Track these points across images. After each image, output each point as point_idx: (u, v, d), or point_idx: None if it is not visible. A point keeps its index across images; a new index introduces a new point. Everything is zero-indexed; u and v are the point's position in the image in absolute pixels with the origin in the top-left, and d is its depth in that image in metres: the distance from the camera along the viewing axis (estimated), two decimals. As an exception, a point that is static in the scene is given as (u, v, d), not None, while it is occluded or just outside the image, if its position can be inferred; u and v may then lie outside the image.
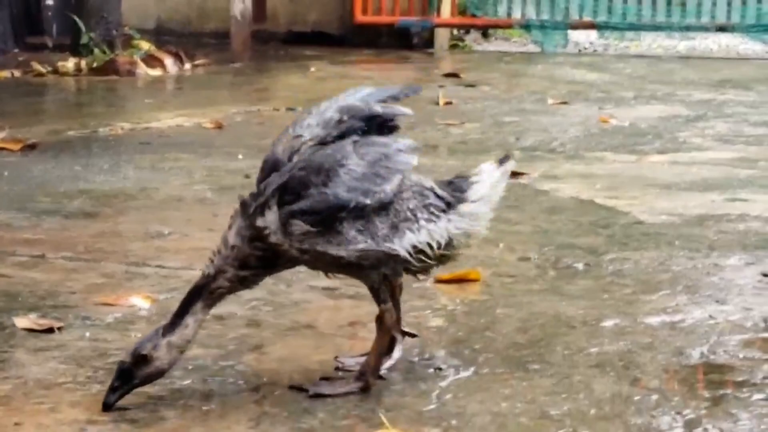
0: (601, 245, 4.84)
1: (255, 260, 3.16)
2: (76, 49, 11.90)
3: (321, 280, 4.27)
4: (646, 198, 5.81)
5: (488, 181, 3.26)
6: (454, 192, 3.23)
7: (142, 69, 11.47)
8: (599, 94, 10.13)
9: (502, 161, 3.31)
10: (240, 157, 6.94)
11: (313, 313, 3.96)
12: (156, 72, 11.56)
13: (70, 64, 11.49)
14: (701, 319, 3.89)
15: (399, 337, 3.40)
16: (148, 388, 3.20)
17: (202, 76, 11.69)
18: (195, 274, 4.26)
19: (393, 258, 3.13)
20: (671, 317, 3.91)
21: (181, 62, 11.95)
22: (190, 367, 3.39)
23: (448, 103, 9.33)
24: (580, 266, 4.52)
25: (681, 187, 6.11)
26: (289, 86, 10.92)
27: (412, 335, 3.56)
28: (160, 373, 3.12)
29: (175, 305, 3.88)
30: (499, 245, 4.72)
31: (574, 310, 3.97)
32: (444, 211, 3.19)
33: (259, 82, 11.32)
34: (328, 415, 3.09)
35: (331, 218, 3.06)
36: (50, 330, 3.69)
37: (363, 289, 4.14)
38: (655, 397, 3.22)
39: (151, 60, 11.66)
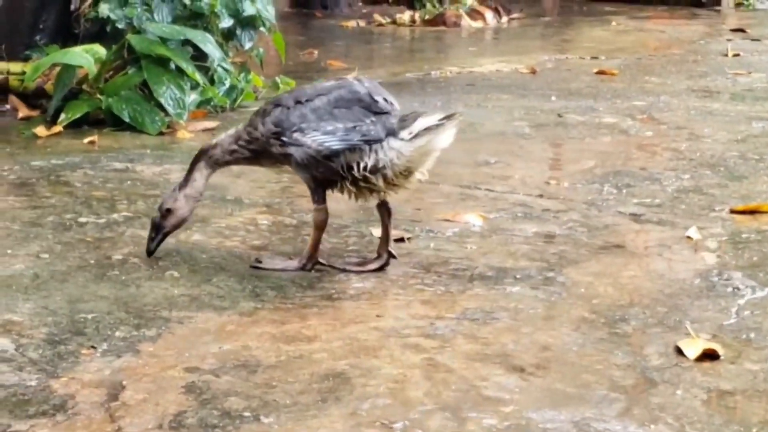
0: None
1: (244, 144, 3.39)
2: (411, 3, 12.07)
3: (628, 206, 4.23)
4: None
5: (427, 124, 3.34)
6: (400, 126, 3.33)
7: (466, 21, 11.51)
8: None
9: (449, 117, 3.40)
10: (553, 98, 6.89)
11: (622, 235, 3.91)
12: (477, 24, 11.58)
13: (406, 16, 11.66)
14: None
15: (384, 255, 3.45)
16: (484, 293, 3.24)
17: (516, 28, 11.64)
18: (519, 198, 4.31)
19: (321, 163, 3.30)
20: None
21: (499, 16, 11.93)
22: (518, 276, 3.42)
23: (736, 55, 8.97)
24: None
25: None
26: (592, 38, 10.72)
27: (393, 256, 3.49)
28: (184, 220, 3.44)
29: (503, 224, 3.94)
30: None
31: None
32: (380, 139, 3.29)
33: (566, 34, 11.18)
34: (639, 323, 3.05)
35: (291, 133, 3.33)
36: (401, 240, 3.77)
37: (666, 215, 4.08)
38: None
39: (473, 13, 11.70)
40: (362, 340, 2.88)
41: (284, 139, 3.31)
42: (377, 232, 3.84)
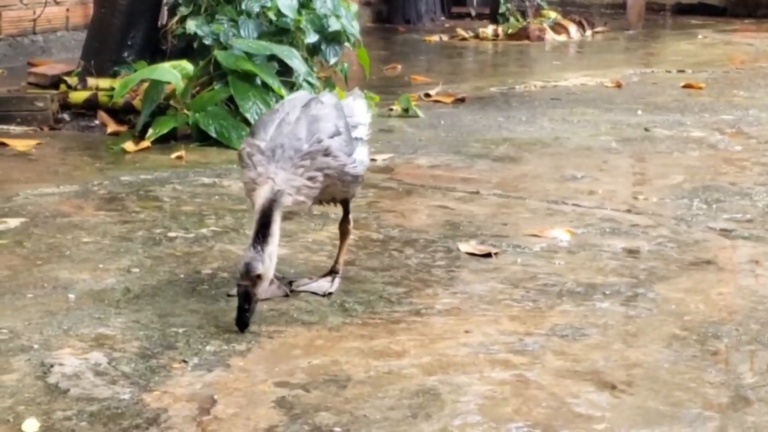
0: None
1: (307, 191, 3.15)
2: (494, 17, 12.08)
3: (718, 222, 4.18)
4: None
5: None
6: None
7: (550, 35, 11.48)
8: None
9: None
10: (639, 112, 6.83)
11: (712, 251, 3.86)
12: (561, 38, 11.54)
13: (488, 30, 11.66)
14: None
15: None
16: (573, 309, 3.23)
17: (600, 42, 11.57)
18: (606, 213, 4.28)
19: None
20: None
21: (583, 29, 11.87)
22: (607, 292, 3.39)
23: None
24: None
25: None
26: (677, 51, 10.62)
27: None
28: (269, 282, 3.09)
29: (591, 239, 3.91)
30: None
31: None
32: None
33: (651, 47, 11.09)
34: (731, 340, 3.00)
35: None
36: (488, 255, 3.77)
37: (758, 231, 4.02)
38: None
39: (557, 27, 11.66)
40: (451, 356, 2.88)
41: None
42: (464, 246, 3.84)
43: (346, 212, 3.45)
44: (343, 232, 3.47)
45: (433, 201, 4.55)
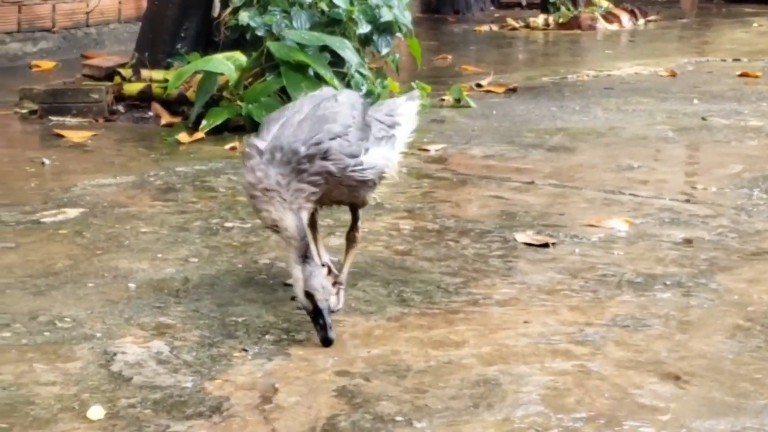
0: None
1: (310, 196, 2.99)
2: (545, 6, 12.02)
3: (779, 212, 4.13)
4: None
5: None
6: None
7: (601, 24, 11.41)
8: None
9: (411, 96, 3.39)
10: (695, 101, 6.78)
11: (774, 242, 3.83)
12: (613, 27, 11.47)
13: (539, 19, 11.61)
14: None
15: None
16: (633, 299, 3.21)
17: (653, 31, 11.49)
18: (665, 203, 4.25)
19: None
20: None
21: (635, 18, 11.79)
22: (668, 283, 3.36)
23: None
24: None
25: None
26: (732, 40, 10.52)
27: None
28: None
29: (650, 229, 3.89)
30: None
31: None
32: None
33: (705, 36, 11.00)
34: (796, 332, 2.98)
35: None
36: (545, 245, 3.76)
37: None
38: None
39: (609, 16, 11.59)
40: (511, 346, 2.87)
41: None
42: (521, 237, 3.83)
43: (355, 219, 3.24)
44: (350, 241, 3.25)
45: (488, 191, 4.54)
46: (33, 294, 3.22)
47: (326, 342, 2.85)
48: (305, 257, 2.87)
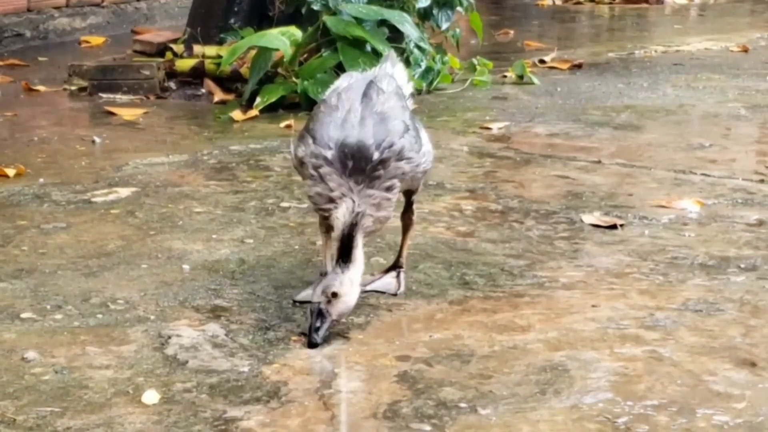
0: None
1: (387, 203, 2.89)
2: (610, -21, 11.89)
3: None
4: None
5: None
6: None
7: (670, -3, 11.29)
8: None
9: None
10: (768, 78, 6.69)
11: None
12: (682, 1, 11.34)
13: (605, -7, 11.50)
14: None
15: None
16: (706, 283, 3.17)
17: (723, 5, 11.34)
18: (738, 183, 4.20)
19: None
20: None
21: (706, -9, 11.65)
22: (742, 266, 3.32)
23: None
24: None
25: None
26: (807, 13, 10.38)
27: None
28: (349, 309, 2.82)
29: (722, 210, 3.84)
30: None
31: None
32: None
33: (779, 10, 10.84)
34: None
35: None
36: (613, 227, 3.72)
37: None
38: None
39: (678, -11, 11.46)
40: (578, 330, 2.85)
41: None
42: (588, 218, 3.80)
43: (409, 203, 3.19)
44: (406, 225, 3.20)
45: (553, 171, 4.50)
46: (85, 275, 3.25)
47: (308, 344, 2.75)
48: (338, 263, 2.79)
